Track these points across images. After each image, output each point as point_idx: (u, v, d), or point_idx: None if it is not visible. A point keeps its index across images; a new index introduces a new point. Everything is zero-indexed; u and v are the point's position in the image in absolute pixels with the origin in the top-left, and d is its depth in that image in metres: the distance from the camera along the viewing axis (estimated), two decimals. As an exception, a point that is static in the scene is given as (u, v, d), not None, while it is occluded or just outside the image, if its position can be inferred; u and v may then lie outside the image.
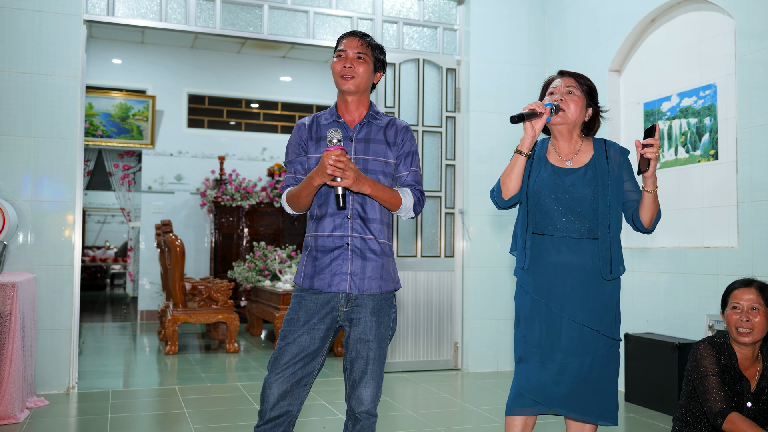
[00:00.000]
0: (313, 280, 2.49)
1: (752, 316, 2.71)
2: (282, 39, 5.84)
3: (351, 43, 2.54)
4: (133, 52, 10.16)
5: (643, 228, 2.62)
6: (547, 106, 2.54)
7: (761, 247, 4.12)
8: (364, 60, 2.53)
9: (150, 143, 10.04)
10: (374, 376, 2.49)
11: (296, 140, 2.59)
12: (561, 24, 6.09)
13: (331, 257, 2.48)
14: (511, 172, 2.61)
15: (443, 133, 6.14)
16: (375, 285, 2.49)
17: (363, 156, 2.50)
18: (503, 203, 2.68)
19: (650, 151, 2.43)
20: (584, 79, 2.73)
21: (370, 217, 2.49)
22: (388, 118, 2.61)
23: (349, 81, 2.51)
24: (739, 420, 2.58)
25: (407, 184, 2.59)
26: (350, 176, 2.30)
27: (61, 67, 5.04)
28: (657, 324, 4.90)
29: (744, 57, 4.29)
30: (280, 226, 10.24)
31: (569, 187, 2.61)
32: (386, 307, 2.54)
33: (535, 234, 2.67)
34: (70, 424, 4.24)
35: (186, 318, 6.95)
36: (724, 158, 4.54)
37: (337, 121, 2.56)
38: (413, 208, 2.56)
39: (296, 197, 2.48)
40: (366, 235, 2.49)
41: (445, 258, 6.13)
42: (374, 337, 2.49)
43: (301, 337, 2.46)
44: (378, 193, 2.42)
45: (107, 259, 17.05)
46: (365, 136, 2.54)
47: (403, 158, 2.58)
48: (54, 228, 5.02)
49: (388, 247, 2.56)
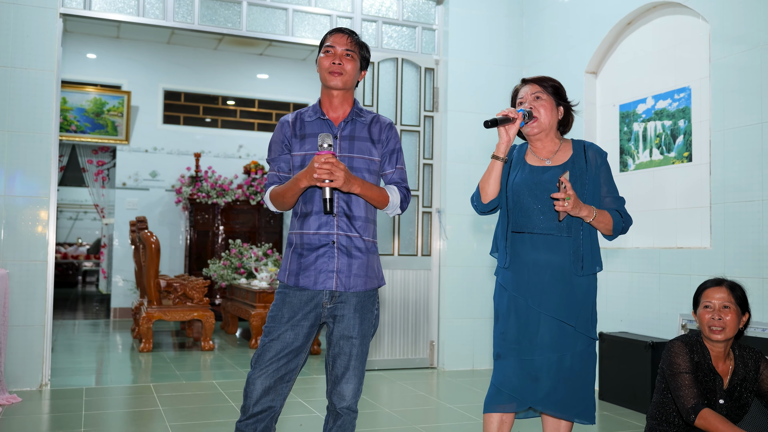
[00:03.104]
0: (299, 278, 2.49)
1: (723, 315, 2.76)
2: (261, 36, 5.82)
3: (340, 40, 2.54)
4: (108, 46, 10.07)
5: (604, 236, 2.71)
6: (519, 111, 2.60)
7: (733, 247, 4.20)
8: (352, 57, 2.54)
9: (125, 139, 9.95)
10: (356, 372, 2.50)
11: (279, 138, 2.58)
12: (538, 26, 6.14)
13: (316, 255, 2.48)
14: (489, 178, 2.65)
15: (421, 132, 6.17)
16: (360, 282, 2.51)
17: (348, 154, 2.51)
18: (483, 208, 2.71)
19: (558, 205, 2.50)
20: (547, 80, 2.76)
21: (355, 214, 2.50)
22: (372, 115, 2.61)
23: (337, 77, 2.51)
24: (712, 416, 2.63)
25: (393, 181, 2.61)
26: (340, 177, 2.30)
27: (36, 61, 4.98)
28: (630, 323, 4.96)
29: (718, 61, 4.36)
30: (256, 224, 10.20)
31: (547, 183, 2.65)
32: (369, 304, 2.55)
33: (515, 232, 2.71)
34: (44, 421, 4.20)
35: (161, 315, 6.90)
36: (697, 160, 4.61)
37: (321, 118, 2.55)
38: (400, 205, 2.58)
39: (281, 197, 2.48)
40: (351, 232, 2.49)
41: (422, 257, 6.15)
42: (357, 333, 2.50)
43: (285, 334, 2.47)
44: (367, 192, 2.44)
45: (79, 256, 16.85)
46: (350, 134, 2.54)
47: (388, 156, 2.60)
48: (28, 223, 4.96)
49: (372, 245, 2.57)
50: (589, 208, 2.56)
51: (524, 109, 2.63)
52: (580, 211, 2.53)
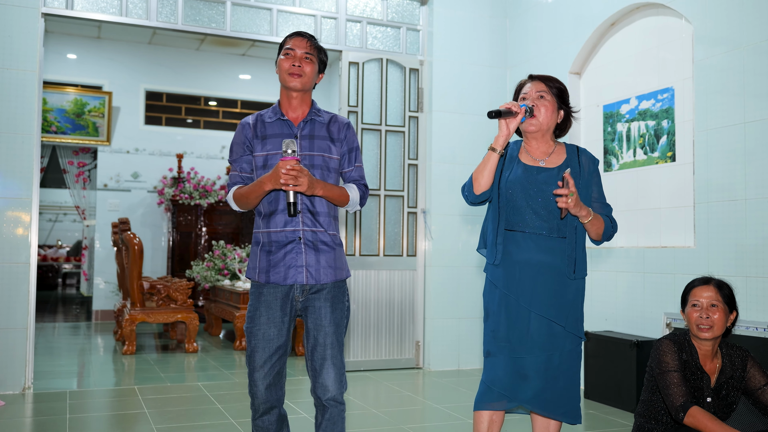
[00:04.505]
0: (269, 274, 2.61)
1: (711, 313, 2.78)
2: (245, 36, 5.80)
3: (299, 43, 2.65)
4: (89, 47, 9.97)
5: (591, 240, 2.74)
6: (522, 106, 2.61)
7: (717, 246, 4.24)
8: (311, 60, 2.65)
9: (106, 140, 9.86)
10: (334, 361, 2.61)
11: (241, 139, 2.69)
12: (522, 26, 6.17)
13: (284, 251, 2.60)
14: (483, 169, 2.65)
15: (406, 132, 6.17)
16: (330, 273, 2.63)
17: (308, 152, 2.62)
18: (474, 198, 2.72)
19: (561, 201, 2.51)
20: (554, 81, 2.78)
21: (318, 210, 2.63)
22: (329, 115, 2.73)
23: (296, 79, 2.62)
24: (700, 413, 2.65)
25: (352, 179, 2.74)
26: (304, 183, 2.43)
27: (18, 61, 4.93)
28: (615, 322, 4.99)
29: (701, 62, 4.40)
30: (239, 225, 10.16)
31: (542, 184, 2.67)
32: (340, 294, 2.67)
33: (507, 230, 2.71)
34: (27, 424, 4.15)
35: (144, 317, 6.85)
36: (681, 160, 4.65)
37: (281, 119, 2.65)
38: (359, 201, 2.72)
39: (245, 197, 2.59)
40: (316, 228, 2.62)
41: (407, 257, 6.16)
42: (330, 322, 2.62)
43: (269, 332, 2.59)
44: (329, 193, 2.57)
45: (59, 258, 16.67)
46: (309, 133, 2.65)
47: (347, 154, 2.72)
48: (9, 225, 4.90)
49: (337, 238, 2.70)
50: (588, 209, 2.59)
51: (527, 104, 2.65)
52: (580, 210, 2.55)
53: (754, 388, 2.82)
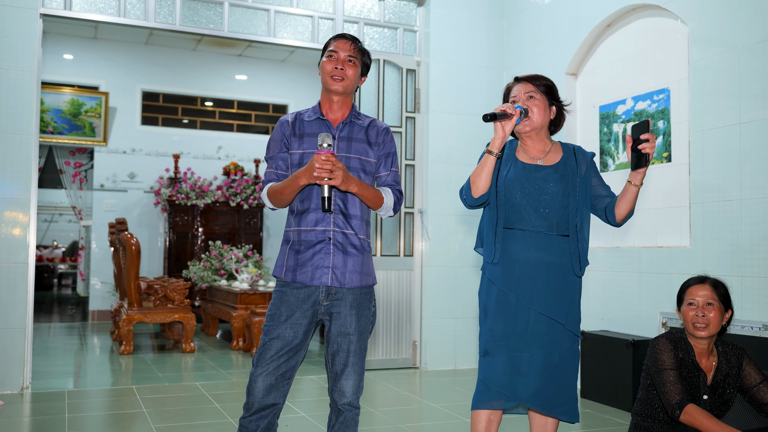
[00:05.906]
0: (296, 273, 2.54)
1: (707, 312, 2.80)
2: (242, 36, 5.81)
3: (343, 46, 2.60)
4: (86, 47, 9.97)
5: (614, 221, 2.72)
6: (516, 108, 2.62)
7: (712, 246, 4.27)
8: (354, 63, 2.61)
9: (102, 140, 9.86)
10: (355, 368, 2.55)
11: (279, 136, 2.64)
12: (519, 27, 6.19)
13: (313, 251, 2.54)
14: (481, 172, 2.65)
15: (403, 133, 6.19)
16: (356, 278, 2.56)
17: (345, 154, 2.57)
18: (472, 202, 2.72)
19: (648, 147, 2.51)
20: (540, 79, 2.79)
21: (351, 213, 2.57)
22: (369, 119, 2.68)
23: (338, 82, 2.57)
24: (696, 411, 2.68)
25: (387, 183, 2.68)
26: (339, 176, 2.36)
27: (16, 61, 4.93)
28: (611, 322, 5.02)
29: (696, 63, 4.43)
30: (235, 225, 10.16)
31: (540, 182, 2.68)
32: (365, 301, 2.61)
33: (506, 229, 2.72)
34: (26, 424, 4.16)
35: (141, 317, 6.85)
36: (677, 160, 4.68)
37: (320, 118, 2.61)
38: (393, 207, 2.66)
39: (279, 193, 2.53)
40: (347, 230, 2.56)
41: (404, 257, 6.18)
42: (354, 329, 2.55)
43: (285, 332, 2.52)
44: (363, 192, 2.50)
45: (54, 258, 16.65)
46: (348, 135, 2.61)
47: (383, 159, 2.67)
48: (7, 225, 4.91)
49: (367, 244, 2.64)
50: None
51: (522, 106, 2.66)
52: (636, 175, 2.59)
53: (750, 386, 2.84)
